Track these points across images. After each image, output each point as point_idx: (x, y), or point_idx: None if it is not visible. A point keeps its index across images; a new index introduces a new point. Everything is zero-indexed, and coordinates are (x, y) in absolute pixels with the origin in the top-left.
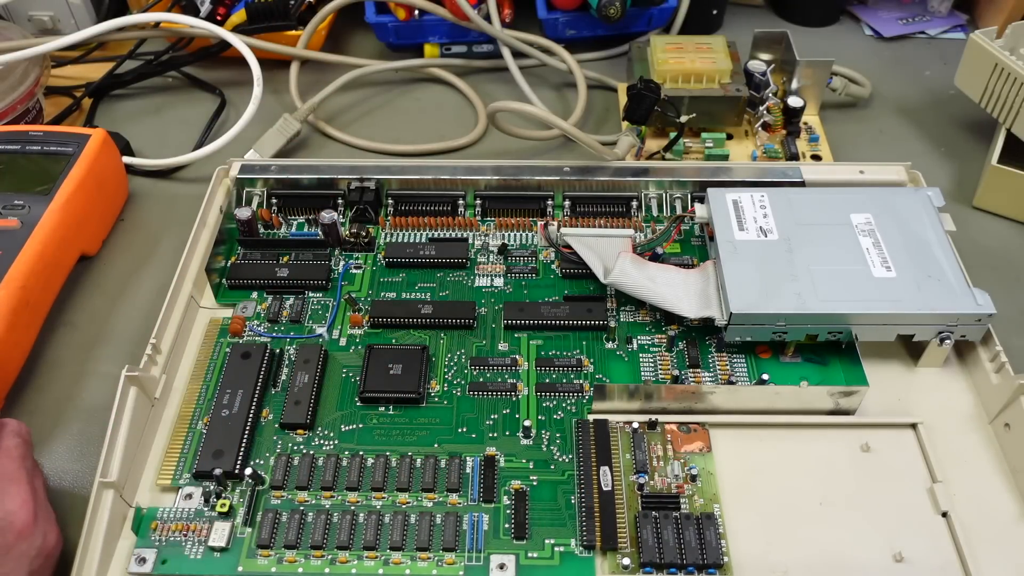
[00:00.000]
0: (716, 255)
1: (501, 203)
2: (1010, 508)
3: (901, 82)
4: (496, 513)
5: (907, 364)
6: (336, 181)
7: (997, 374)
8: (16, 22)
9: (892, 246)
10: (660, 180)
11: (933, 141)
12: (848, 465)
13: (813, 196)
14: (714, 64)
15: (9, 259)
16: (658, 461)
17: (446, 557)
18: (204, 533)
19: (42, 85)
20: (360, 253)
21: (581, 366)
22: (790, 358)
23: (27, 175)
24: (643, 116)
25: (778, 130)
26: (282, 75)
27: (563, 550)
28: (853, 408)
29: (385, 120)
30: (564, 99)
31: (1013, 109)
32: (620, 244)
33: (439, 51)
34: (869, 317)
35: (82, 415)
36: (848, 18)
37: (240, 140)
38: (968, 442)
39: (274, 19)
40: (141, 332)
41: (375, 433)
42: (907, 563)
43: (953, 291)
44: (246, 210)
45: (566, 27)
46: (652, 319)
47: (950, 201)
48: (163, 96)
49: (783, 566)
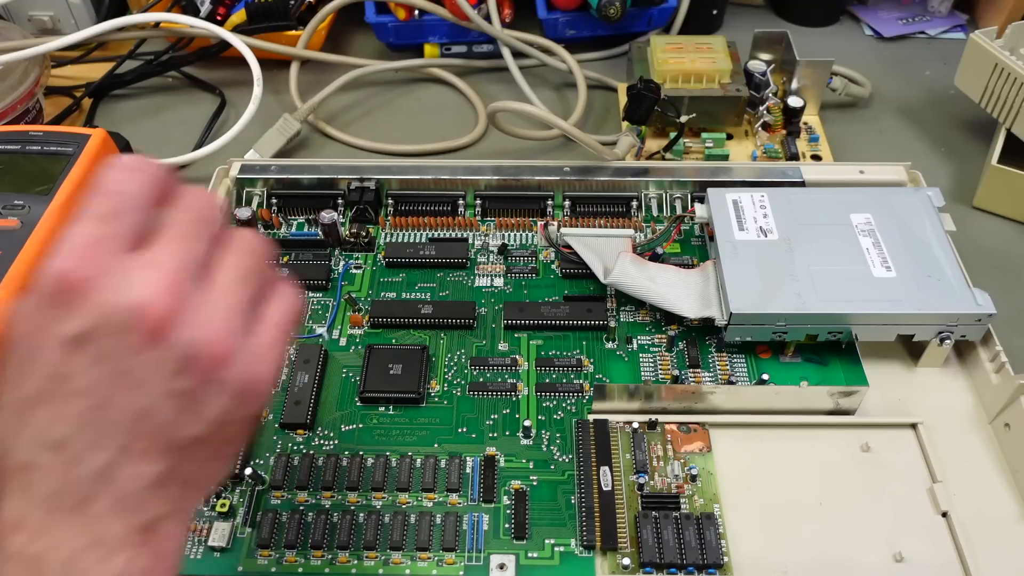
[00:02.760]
0: (716, 255)
1: (501, 203)
2: (1010, 508)
3: (901, 82)
4: (496, 513)
5: (907, 364)
6: (336, 181)
7: (997, 374)
8: (16, 22)
9: (892, 246)
10: (660, 180)
11: (933, 141)
12: (848, 465)
13: (813, 196)
14: (714, 64)
15: (9, 259)
16: (658, 461)
17: (446, 557)
18: (204, 533)
19: (42, 85)
20: (360, 253)
21: (581, 366)
22: (790, 358)
23: (27, 175)
24: (643, 116)
25: (778, 130)
26: (282, 75)
27: (563, 550)
28: (853, 408)
29: (385, 120)
30: (564, 99)
31: (1013, 109)
32: (620, 244)
33: (439, 51)
34: (869, 317)
35: None
36: (848, 18)
37: (240, 140)
38: (968, 442)
39: (274, 19)
40: None
41: (375, 433)
42: (907, 563)
43: (953, 291)
44: (246, 210)
45: (566, 27)
46: (652, 319)
47: (950, 201)
48: (163, 96)
49: (783, 566)
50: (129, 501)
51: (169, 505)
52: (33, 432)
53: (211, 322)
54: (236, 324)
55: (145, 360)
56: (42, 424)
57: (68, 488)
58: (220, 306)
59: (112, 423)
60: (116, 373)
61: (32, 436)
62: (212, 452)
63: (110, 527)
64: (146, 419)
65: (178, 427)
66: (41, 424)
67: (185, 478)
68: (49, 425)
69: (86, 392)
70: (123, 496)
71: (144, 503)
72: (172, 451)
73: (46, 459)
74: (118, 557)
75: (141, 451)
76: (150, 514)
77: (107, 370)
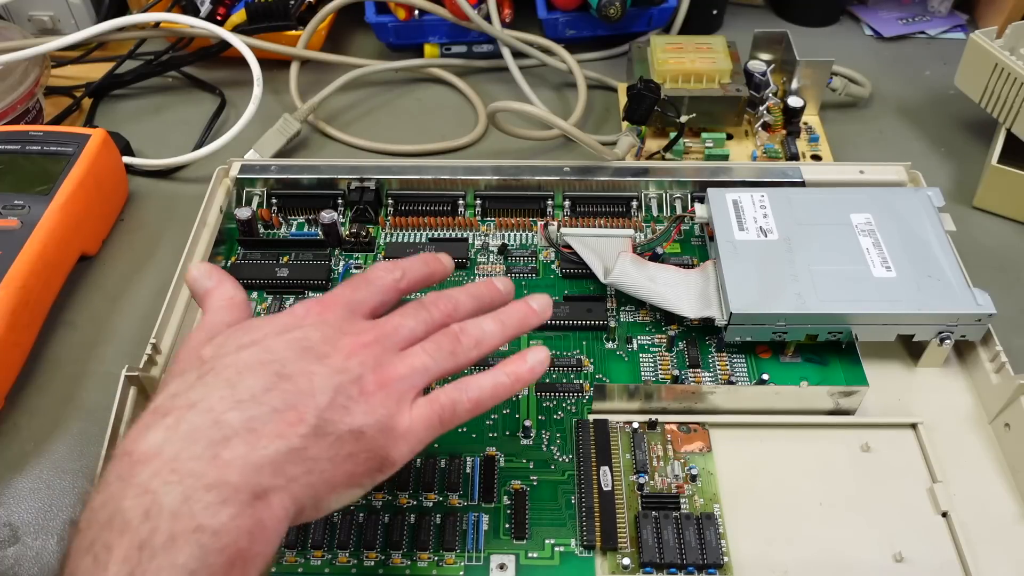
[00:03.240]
0: (716, 255)
1: (501, 203)
2: (1010, 508)
3: (901, 82)
4: (496, 513)
5: (907, 364)
6: (336, 181)
7: (997, 374)
8: (16, 22)
9: (892, 246)
10: (660, 180)
11: (933, 141)
12: (848, 465)
13: (813, 196)
14: (714, 64)
15: (9, 259)
16: (658, 461)
17: (446, 557)
18: None
19: (42, 85)
20: (360, 253)
21: (581, 366)
22: (790, 358)
23: (27, 175)
24: (643, 116)
25: (778, 130)
26: (282, 75)
27: (563, 550)
28: (853, 408)
29: (385, 120)
30: (564, 99)
31: (1013, 109)
32: (620, 244)
33: (439, 51)
34: (869, 317)
35: (82, 415)
36: (848, 18)
37: (240, 140)
38: (968, 442)
39: (274, 19)
40: (141, 332)
41: None
42: (907, 563)
43: (953, 291)
44: (246, 210)
45: (566, 27)
46: (652, 319)
47: (950, 201)
48: (163, 96)
49: (783, 566)
50: (257, 459)
51: (286, 481)
52: (219, 380)
53: (390, 365)
54: (407, 380)
55: (331, 363)
56: (231, 374)
57: (216, 425)
58: (404, 362)
59: (283, 389)
60: (306, 362)
61: (216, 382)
62: (338, 457)
63: (231, 475)
64: (309, 397)
65: (327, 416)
66: (229, 374)
67: (310, 466)
68: (236, 376)
69: (278, 363)
70: (254, 452)
71: (267, 468)
72: (312, 434)
73: (215, 399)
74: (226, 509)
75: (291, 419)
76: (268, 482)
77: (302, 356)
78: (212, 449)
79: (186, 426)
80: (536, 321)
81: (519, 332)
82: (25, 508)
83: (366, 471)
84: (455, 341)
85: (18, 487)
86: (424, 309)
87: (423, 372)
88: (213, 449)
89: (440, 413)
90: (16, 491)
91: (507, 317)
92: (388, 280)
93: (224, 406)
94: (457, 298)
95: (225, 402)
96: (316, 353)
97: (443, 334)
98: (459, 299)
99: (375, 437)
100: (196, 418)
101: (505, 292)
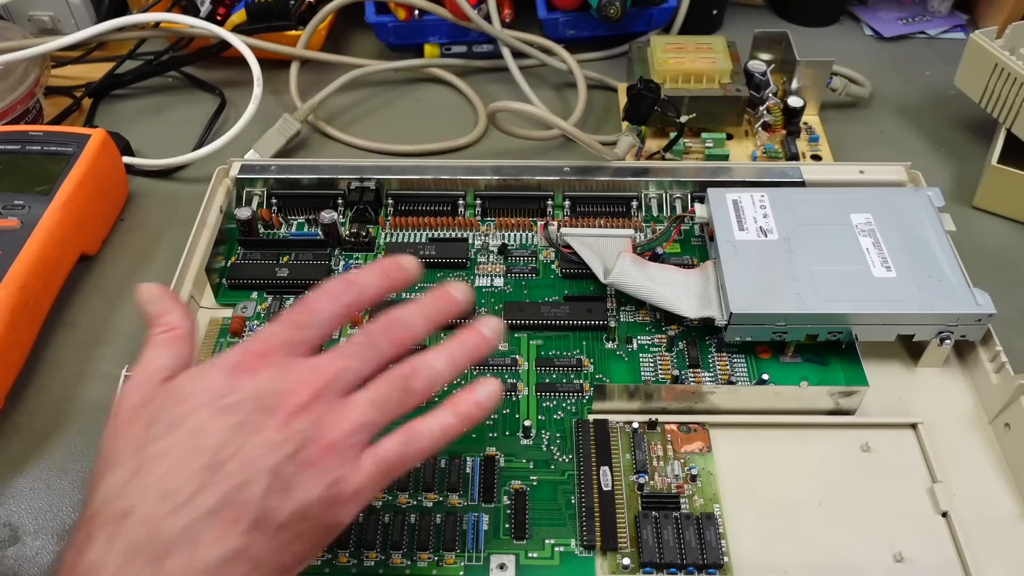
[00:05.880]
0: (716, 255)
1: (501, 203)
2: (1010, 508)
3: (901, 82)
4: (496, 513)
5: (907, 364)
6: (336, 181)
7: (997, 374)
8: (16, 22)
9: (892, 246)
10: (660, 180)
11: (933, 141)
12: (848, 465)
13: (813, 196)
14: (714, 64)
15: (9, 259)
16: (658, 461)
17: (446, 557)
18: None
19: (42, 85)
20: (360, 253)
21: (581, 366)
22: (790, 358)
23: (27, 175)
24: (643, 116)
25: (778, 130)
26: (282, 75)
27: (563, 550)
28: (853, 408)
29: (385, 120)
30: (564, 99)
31: (1013, 109)
32: (620, 244)
33: (439, 51)
34: (869, 317)
35: (82, 415)
36: (848, 18)
37: (240, 140)
38: (968, 442)
39: (274, 19)
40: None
41: None
42: (907, 563)
43: (953, 291)
44: (246, 210)
45: (566, 27)
46: (652, 319)
47: (950, 201)
48: (163, 96)
49: (783, 566)
50: (199, 567)
51: None
52: (151, 479)
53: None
54: (351, 438)
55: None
56: (161, 472)
57: (153, 541)
58: (347, 418)
59: (217, 484)
60: (240, 441)
61: (147, 483)
62: (283, 543)
63: None
64: (244, 489)
65: (267, 504)
66: (160, 472)
67: (256, 562)
68: (166, 475)
69: (209, 451)
70: (196, 561)
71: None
72: (252, 529)
73: (149, 506)
74: None
75: (228, 520)
76: None
77: (235, 436)
78: (152, 567)
79: (123, 542)
80: (487, 349)
81: (470, 364)
82: (25, 508)
83: (316, 544)
84: (404, 390)
85: (18, 487)
86: (372, 347)
87: (369, 427)
88: (153, 567)
89: (388, 468)
90: (16, 491)
91: (458, 352)
92: (336, 310)
93: (160, 513)
94: (410, 323)
95: (161, 509)
96: (250, 428)
97: (391, 380)
98: (412, 324)
99: (320, 511)
100: (133, 532)
101: (463, 302)
